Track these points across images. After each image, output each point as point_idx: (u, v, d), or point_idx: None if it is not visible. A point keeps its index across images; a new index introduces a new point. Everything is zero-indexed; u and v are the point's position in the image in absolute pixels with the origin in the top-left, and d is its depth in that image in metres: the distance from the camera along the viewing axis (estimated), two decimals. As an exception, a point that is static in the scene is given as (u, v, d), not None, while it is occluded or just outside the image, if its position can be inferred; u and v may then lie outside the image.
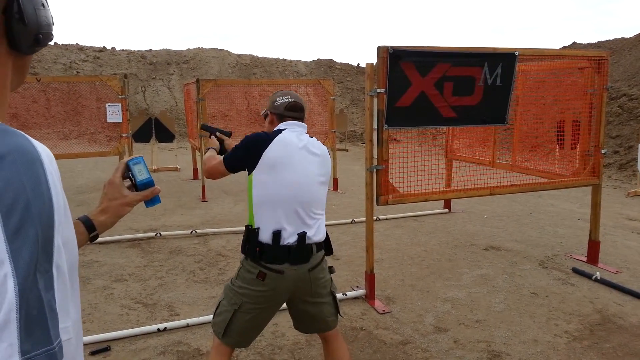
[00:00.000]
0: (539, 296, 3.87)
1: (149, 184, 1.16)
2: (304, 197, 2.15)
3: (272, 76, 22.38)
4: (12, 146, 0.61)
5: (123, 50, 20.20)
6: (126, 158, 1.19)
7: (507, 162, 5.67)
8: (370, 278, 3.78)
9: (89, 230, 1.10)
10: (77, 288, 0.73)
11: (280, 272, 2.10)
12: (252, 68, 23.17)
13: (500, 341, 3.16)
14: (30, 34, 0.70)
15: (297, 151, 2.19)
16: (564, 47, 17.45)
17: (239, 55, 23.37)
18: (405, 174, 3.98)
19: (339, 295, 2.63)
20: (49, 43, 0.77)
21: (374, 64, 3.67)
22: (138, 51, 20.24)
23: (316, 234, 2.18)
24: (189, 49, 21.32)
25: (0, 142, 0.60)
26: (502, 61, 3.91)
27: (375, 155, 3.70)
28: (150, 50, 20.56)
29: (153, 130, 10.22)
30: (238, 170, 2.29)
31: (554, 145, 5.20)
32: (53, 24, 0.76)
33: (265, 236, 2.10)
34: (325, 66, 24.82)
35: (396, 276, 4.31)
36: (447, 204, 6.96)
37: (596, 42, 16.68)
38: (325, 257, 2.29)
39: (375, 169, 3.67)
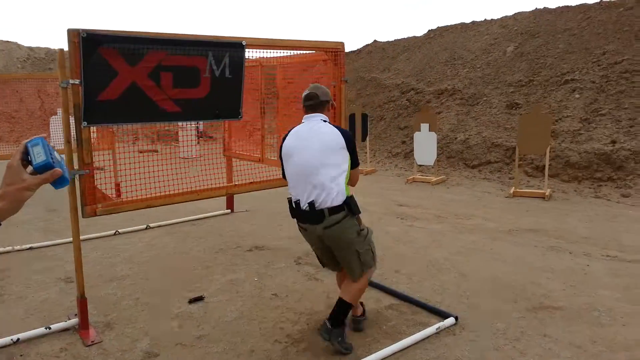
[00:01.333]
0: (279, 297, 3.70)
1: (46, 166, 1.11)
2: (310, 176, 2.79)
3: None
4: None
5: None
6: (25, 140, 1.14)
7: (274, 158, 5.54)
8: (82, 304, 3.21)
9: None
10: None
11: (305, 229, 2.92)
12: (49, 63, 20.58)
13: (212, 358, 2.85)
14: None
15: (301, 140, 2.92)
16: (366, 45, 18.62)
17: (31, 49, 20.58)
18: (143, 178, 3.56)
19: (40, 330, 3.16)
20: None
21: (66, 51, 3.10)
22: None
23: (325, 201, 2.76)
24: (-39, 40, 18.12)
25: None
26: (229, 51, 3.62)
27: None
28: None
29: None
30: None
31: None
32: None
33: (293, 205, 2.91)
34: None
35: (133, 295, 3.80)
36: (230, 204, 6.66)
37: (393, 39, 18.10)
38: (354, 217, 2.87)
39: (76, 175, 3.10)
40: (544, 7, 13.36)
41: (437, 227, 5.78)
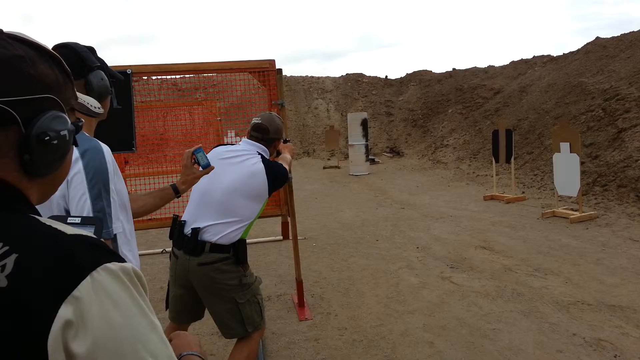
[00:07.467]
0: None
1: (208, 165, 1.98)
2: (208, 200, 2.37)
3: (297, 94, 22.21)
4: (90, 145, 1.46)
5: None
6: (190, 149, 2.00)
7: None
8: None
9: (175, 192, 1.96)
10: (128, 207, 1.64)
11: (176, 257, 2.40)
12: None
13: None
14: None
15: (218, 161, 2.41)
16: (586, 44, 15.47)
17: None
18: None
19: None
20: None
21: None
22: None
23: (213, 235, 2.31)
24: None
25: (84, 143, 1.43)
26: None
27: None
28: None
29: None
30: None
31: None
32: (80, 123, 1.31)
33: (176, 223, 2.43)
34: (353, 81, 24.23)
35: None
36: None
37: (619, 35, 14.54)
38: (240, 265, 2.37)
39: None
40: None
41: (476, 286, 4.33)
